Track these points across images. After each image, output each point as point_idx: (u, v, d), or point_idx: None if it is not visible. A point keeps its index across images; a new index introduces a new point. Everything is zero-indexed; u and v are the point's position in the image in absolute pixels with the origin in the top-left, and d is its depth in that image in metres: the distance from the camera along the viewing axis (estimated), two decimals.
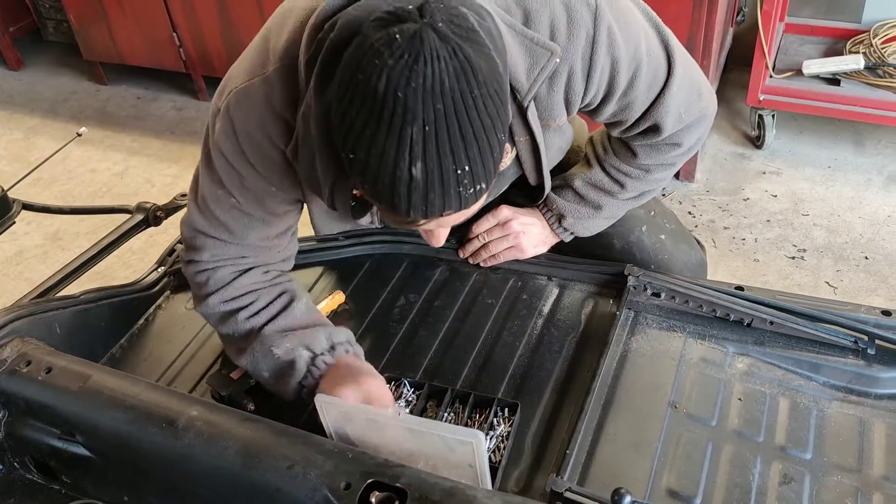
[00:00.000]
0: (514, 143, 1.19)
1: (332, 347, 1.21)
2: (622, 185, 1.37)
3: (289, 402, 1.22)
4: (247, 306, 1.25)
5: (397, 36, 0.82)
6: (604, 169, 1.37)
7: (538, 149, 1.19)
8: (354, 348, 1.24)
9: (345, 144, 0.88)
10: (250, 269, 1.27)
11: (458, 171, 0.86)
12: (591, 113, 1.23)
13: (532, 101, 1.11)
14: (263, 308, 1.25)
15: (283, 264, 1.33)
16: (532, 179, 1.28)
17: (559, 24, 1.07)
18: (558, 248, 1.50)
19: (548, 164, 1.26)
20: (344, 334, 1.24)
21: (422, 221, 0.95)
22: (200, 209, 1.23)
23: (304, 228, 1.35)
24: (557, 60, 1.06)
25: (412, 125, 0.83)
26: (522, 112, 1.12)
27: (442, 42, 0.82)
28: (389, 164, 0.85)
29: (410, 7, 0.84)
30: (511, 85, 1.06)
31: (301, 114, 1.04)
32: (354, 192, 1.10)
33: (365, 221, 1.33)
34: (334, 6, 0.97)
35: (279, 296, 1.27)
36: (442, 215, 0.92)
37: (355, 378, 1.14)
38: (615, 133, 1.31)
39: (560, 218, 1.43)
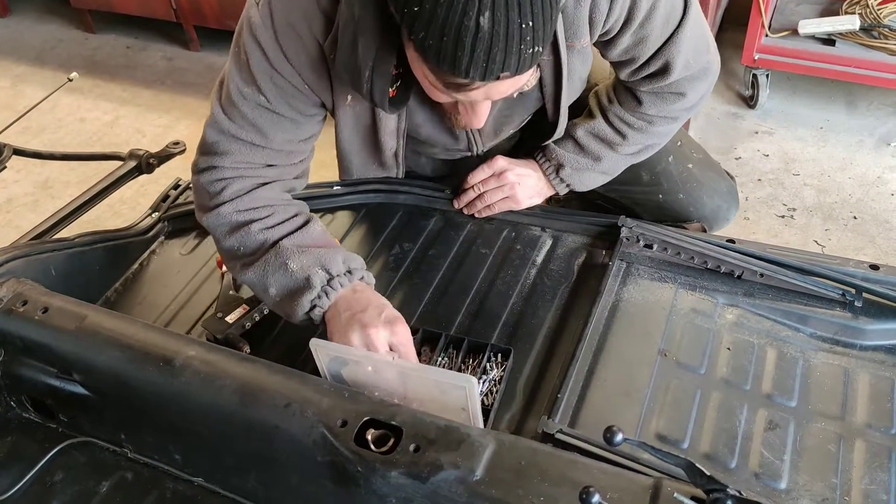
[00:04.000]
0: (538, 63, 1.18)
1: (350, 272, 1.19)
2: (624, 136, 1.38)
3: (284, 345, 1.23)
4: (263, 218, 1.23)
5: None
6: (607, 119, 1.38)
7: (561, 71, 1.19)
8: (367, 277, 1.23)
9: None
10: (270, 182, 1.26)
11: (523, 26, 0.88)
12: (606, 44, 1.24)
13: (559, 14, 1.11)
14: (280, 223, 1.23)
15: (299, 182, 1.32)
16: (550, 112, 1.28)
17: None
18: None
19: (568, 93, 1.27)
20: (358, 261, 1.22)
21: (477, 84, 0.96)
22: (226, 110, 1.22)
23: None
24: None
25: None
26: None
27: None
28: (458, 12, 0.86)
29: None
30: None
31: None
32: (394, 72, 1.10)
33: (391, 172, 1.36)
34: None
35: (296, 214, 1.26)
36: (499, 77, 0.93)
37: (389, 323, 1.12)
38: (624, 75, 1.32)
39: (558, 168, 1.43)
